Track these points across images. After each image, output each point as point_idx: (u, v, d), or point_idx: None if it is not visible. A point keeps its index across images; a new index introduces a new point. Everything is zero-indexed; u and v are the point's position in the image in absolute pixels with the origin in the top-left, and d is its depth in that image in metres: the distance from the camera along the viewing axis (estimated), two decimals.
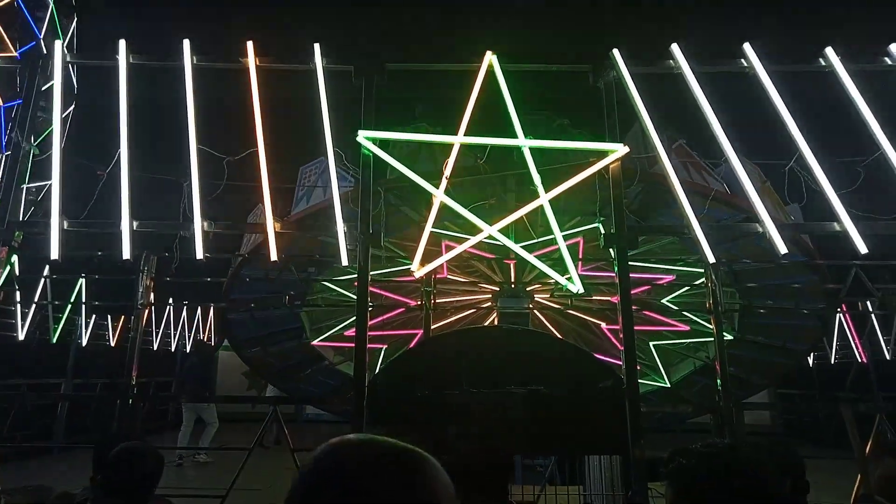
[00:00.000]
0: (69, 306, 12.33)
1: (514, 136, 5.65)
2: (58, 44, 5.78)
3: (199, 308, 16.84)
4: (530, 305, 10.00)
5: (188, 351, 16.61)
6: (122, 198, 5.21)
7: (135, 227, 5.23)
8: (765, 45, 5.86)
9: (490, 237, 5.55)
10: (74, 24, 17.27)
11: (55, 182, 5.27)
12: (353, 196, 5.74)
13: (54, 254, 5.16)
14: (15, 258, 5.69)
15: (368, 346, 5.21)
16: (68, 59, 5.96)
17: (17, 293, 10.72)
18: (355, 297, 5.53)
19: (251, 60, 5.77)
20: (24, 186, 5.64)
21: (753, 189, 5.38)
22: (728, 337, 9.06)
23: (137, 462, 2.83)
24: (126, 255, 5.16)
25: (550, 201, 5.45)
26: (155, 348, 15.74)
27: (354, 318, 10.76)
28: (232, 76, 6.00)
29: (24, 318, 11.27)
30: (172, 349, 16.71)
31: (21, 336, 11.22)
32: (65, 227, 5.26)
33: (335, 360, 12.83)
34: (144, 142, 5.85)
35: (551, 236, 5.82)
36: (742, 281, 9.43)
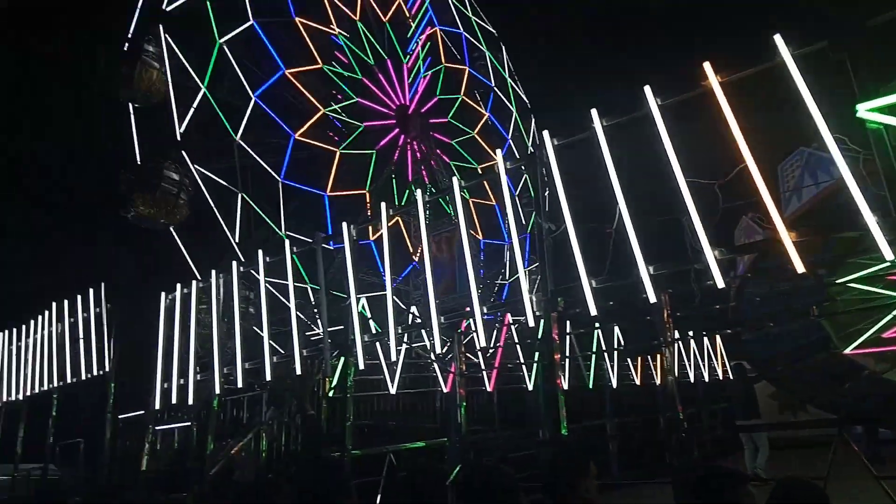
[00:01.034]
0: (594, 354, 13.83)
1: None
2: (546, 133, 6.73)
3: (705, 336, 16.78)
4: None
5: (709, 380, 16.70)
6: (634, 249, 5.67)
7: (651, 272, 5.60)
8: None
9: None
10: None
11: (577, 254, 6.07)
12: (861, 175, 5.01)
13: (592, 311, 5.90)
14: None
15: None
16: (556, 143, 6.86)
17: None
18: (886, 292, 4.74)
19: (713, 80, 5.71)
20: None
21: None
22: None
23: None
24: (651, 298, 5.55)
25: None
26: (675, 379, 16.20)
27: (892, 316, 9.22)
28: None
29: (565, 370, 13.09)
30: (692, 380, 16.91)
31: (565, 386, 13.02)
32: (593, 286, 5.99)
33: (878, 367, 11.14)
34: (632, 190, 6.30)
35: None
36: None
